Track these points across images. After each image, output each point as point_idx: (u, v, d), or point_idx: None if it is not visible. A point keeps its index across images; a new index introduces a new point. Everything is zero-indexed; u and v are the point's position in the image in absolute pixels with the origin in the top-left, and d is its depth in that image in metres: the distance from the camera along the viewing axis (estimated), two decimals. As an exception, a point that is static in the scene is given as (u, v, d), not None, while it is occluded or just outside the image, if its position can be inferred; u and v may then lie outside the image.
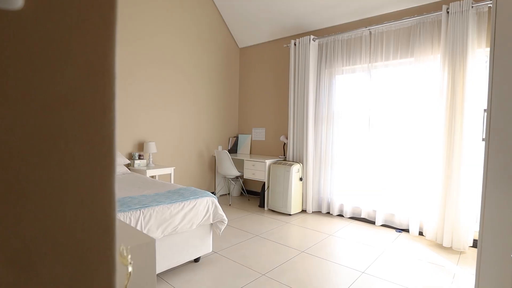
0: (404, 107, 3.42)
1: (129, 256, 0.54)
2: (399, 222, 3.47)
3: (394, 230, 3.47)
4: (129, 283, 0.58)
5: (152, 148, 3.90)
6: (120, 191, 2.55)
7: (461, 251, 2.90)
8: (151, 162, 3.98)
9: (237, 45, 5.32)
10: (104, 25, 0.37)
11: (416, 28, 3.25)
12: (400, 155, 3.49)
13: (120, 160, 3.54)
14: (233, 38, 5.23)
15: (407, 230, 3.42)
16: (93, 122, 0.37)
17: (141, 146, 4.08)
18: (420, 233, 3.31)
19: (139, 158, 3.90)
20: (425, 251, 2.90)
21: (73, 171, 0.35)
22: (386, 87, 3.58)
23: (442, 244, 3.02)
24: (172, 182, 3.99)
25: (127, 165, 3.91)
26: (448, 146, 2.99)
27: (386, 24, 3.40)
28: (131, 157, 3.95)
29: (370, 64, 3.65)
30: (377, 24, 3.48)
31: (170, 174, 3.98)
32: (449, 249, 2.94)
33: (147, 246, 0.96)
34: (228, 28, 5.11)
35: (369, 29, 3.58)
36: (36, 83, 0.33)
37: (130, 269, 0.53)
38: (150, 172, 3.72)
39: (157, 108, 4.21)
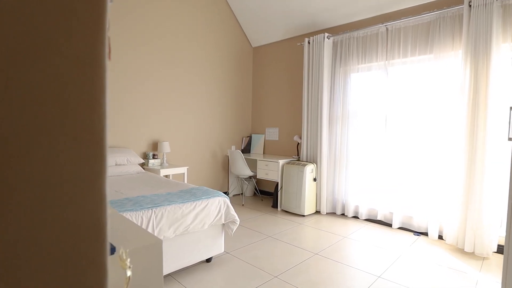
0: (423, 106, 3.29)
1: (128, 260, 0.52)
2: (417, 225, 3.35)
3: (412, 234, 3.34)
4: None
5: (166, 147, 3.93)
6: (133, 190, 2.58)
7: (484, 257, 2.75)
8: (165, 161, 4.01)
9: (251, 45, 5.29)
10: (92, 15, 0.35)
11: (435, 23, 3.12)
12: (418, 155, 3.36)
13: (135, 160, 3.58)
14: (247, 37, 5.21)
15: (425, 234, 3.29)
16: (80, 117, 0.34)
17: (155, 146, 4.12)
18: (440, 237, 3.17)
19: (153, 158, 3.93)
20: (445, 256, 2.77)
21: (58, 170, 0.33)
22: (403, 85, 3.46)
23: (463, 249, 2.88)
24: (186, 181, 4.01)
25: (142, 165, 3.95)
26: (470, 146, 2.85)
27: (404, 19, 3.29)
28: (145, 156, 4.00)
29: (386, 62, 3.54)
30: (394, 20, 3.36)
31: (184, 173, 4.00)
32: (471, 255, 2.80)
33: (153, 247, 0.94)
34: (241, 27, 5.09)
35: (385, 25, 3.47)
36: (18, 75, 0.30)
37: (129, 273, 0.51)
38: (163, 172, 3.75)
39: (171, 108, 4.24)
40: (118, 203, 2.07)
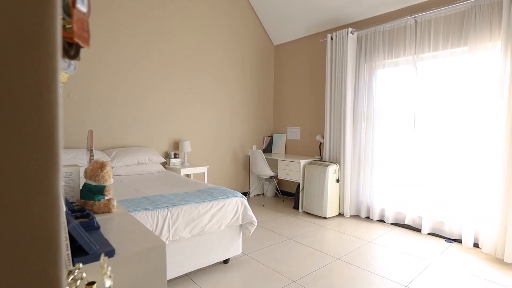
0: (456, 102, 3.04)
1: (109, 268, 0.47)
2: (450, 231, 3.11)
3: (443, 240, 3.11)
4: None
5: (187, 147, 3.95)
6: (152, 189, 2.59)
7: (527, 268, 2.49)
8: (186, 161, 4.03)
9: (272, 43, 5.21)
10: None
11: (471, 13, 2.87)
12: (450, 156, 3.12)
13: (156, 159, 3.62)
14: (268, 35, 5.13)
15: (459, 241, 3.05)
16: (22, 105, 0.29)
17: (176, 145, 4.16)
18: (475, 245, 2.92)
19: (175, 157, 3.97)
20: (481, 266, 2.54)
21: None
22: (434, 80, 3.23)
23: (502, 259, 2.63)
24: (206, 181, 4.01)
25: (163, 164, 4.00)
26: (510, 145, 2.59)
27: (435, 10, 3.06)
28: (167, 155, 4.04)
29: (415, 56, 3.32)
30: (424, 11, 3.15)
31: (204, 173, 4.00)
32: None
33: (157, 249, 0.90)
34: (262, 25, 5.03)
35: (414, 17, 3.26)
36: None
37: (108, 283, 0.45)
38: (184, 171, 3.77)
39: (192, 108, 4.26)
40: (135, 202, 2.07)
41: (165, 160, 3.92)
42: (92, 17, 3.34)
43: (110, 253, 0.80)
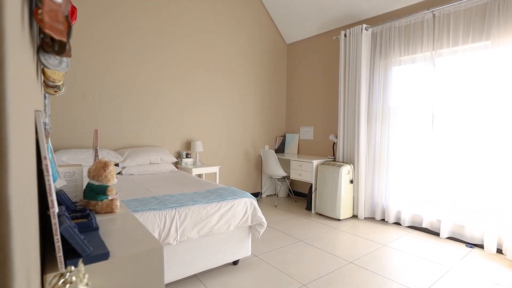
0: (477, 100, 2.89)
1: (86, 276, 0.44)
2: (470, 235, 2.95)
3: (463, 245, 2.96)
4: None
5: (198, 147, 3.95)
6: (162, 189, 2.59)
7: (556, 277, 2.33)
8: (197, 160, 4.04)
9: (285, 41, 5.15)
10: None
11: (493, 5, 2.72)
12: (471, 157, 2.96)
13: (168, 159, 3.64)
14: (280, 34, 5.07)
15: (480, 246, 2.89)
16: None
17: (188, 145, 4.17)
18: (499, 251, 2.76)
19: (187, 157, 3.98)
20: (505, 273, 2.39)
21: None
22: (453, 77, 3.08)
23: (529, 266, 2.47)
24: (217, 181, 4.00)
25: (175, 164, 4.02)
26: (538, 146, 2.43)
27: (454, 3, 2.92)
28: (179, 155, 4.06)
29: (433, 52, 3.18)
30: (442, 5, 3.01)
31: (216, 173, 3.99)
32: (539, 273, 2.39)
33: (153, 252, 0.87)
34: (275, 24, 4.97)
35: (432, 11, 3.12)
36: None
37: (84, 291, 0.42)
38: (195, 171, 3.77)
39: (204, 107, 4.26)
40: (144, 202, 2.07)
41: (177, 160, 3.93)
42: (105, 18, 3.39)
43: (105, 255, 0.78)
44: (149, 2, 3.69)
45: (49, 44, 0.62)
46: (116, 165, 3.36)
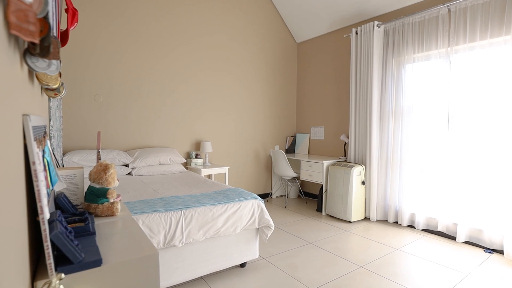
0: (496, 99, 2.75)
1: (61, 287, 0.41)
2: (489, 240, 2.82)
3: (482, 250, 2.83)
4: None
5: (208, 147, 3.95)
6: (170, 190, 2.59)
7: None
8: (207, 161, 4.03)
9: (295, 40, 5.08)
10: None
11: (514, -2, 2.58)
12: (490, 157, 2.82)
13: (178, 159, 3.65)
14: (290, 33, 5.01)
15: (500, 251, 2.76)
16: None
17: (198, 146, 4.17)
18: (520, 256, 2.62)
19: (196, 157, 3.98)
20: (527, 280, 2.26)
21: None
22: (470, 74, 2.94)
23: (553, 274, 2.33)
24: (227, 181, 3.98)
25: (185, 164, 4.03)
26: (562, 147, 2.29)
27: (472, -3, 2.79)
28: (188, 156, 4.07)
29: (449, 48, 3.05)
30: (459, -1, 2.88)
31: (225, 173, 3.97)
32: None
33: (148, 259, 0.84)
34: (285, 23, 4.92)
35: (447, 6, 3.00)
36: None
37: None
38: (204, 171, 3.76)
39: (213, 107, 4.26)
40: (150, 203, 2.07)
41: (186, 160, 3.94)
42: (115, 20, 3.42)
43: (97, 262, 0.76)
44: (159, 3, 3.71)
45: (33, 47, 0.59)
46: (126, 165, 3.39)
